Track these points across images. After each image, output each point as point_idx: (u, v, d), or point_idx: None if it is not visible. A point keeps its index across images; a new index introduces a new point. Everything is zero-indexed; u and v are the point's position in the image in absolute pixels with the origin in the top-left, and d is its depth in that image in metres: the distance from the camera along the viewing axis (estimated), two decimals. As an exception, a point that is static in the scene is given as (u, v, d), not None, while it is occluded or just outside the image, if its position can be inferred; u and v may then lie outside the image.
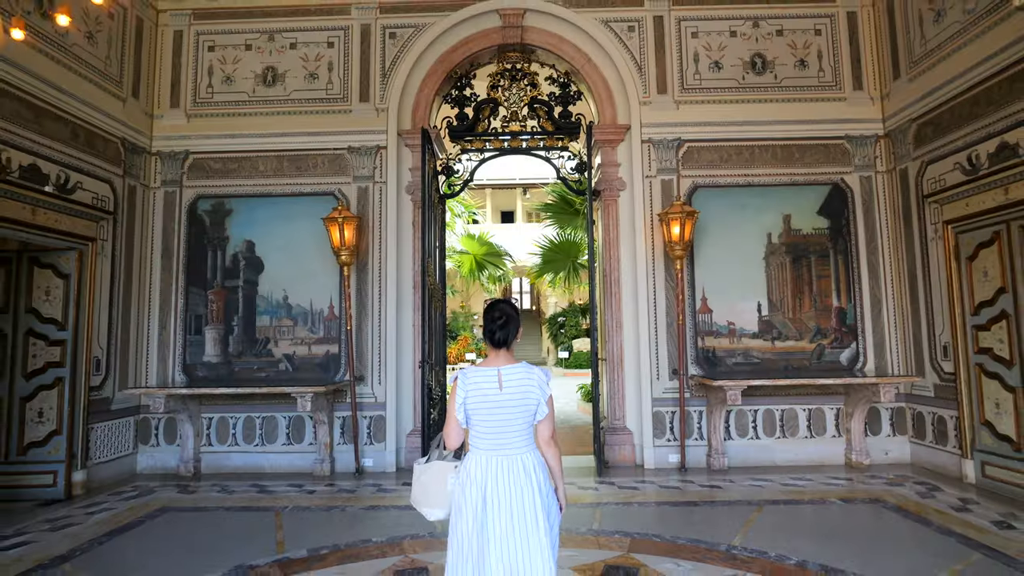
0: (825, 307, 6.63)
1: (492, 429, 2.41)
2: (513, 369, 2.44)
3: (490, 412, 2.40)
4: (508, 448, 2.40)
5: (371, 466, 6.44)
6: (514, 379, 2.42)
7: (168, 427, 6.57)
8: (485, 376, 2.43)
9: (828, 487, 5.54)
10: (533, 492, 2.36)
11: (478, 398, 2.41)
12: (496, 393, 2.40)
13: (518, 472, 2.37)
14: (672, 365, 6.52)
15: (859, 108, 6.83)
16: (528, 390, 2.41)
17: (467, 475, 2.41)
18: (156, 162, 6.90)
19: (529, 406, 2.42)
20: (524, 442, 2.43)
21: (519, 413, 2.40)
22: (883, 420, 6.49)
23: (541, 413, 2.45)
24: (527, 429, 2.44)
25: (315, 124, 6.91)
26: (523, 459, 2.40)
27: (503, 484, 2.35)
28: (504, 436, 2.40)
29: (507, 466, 2.37)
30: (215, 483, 6.01)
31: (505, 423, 2.40)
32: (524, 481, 2.36)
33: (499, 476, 2.36)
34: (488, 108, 7.18)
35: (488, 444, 2.41)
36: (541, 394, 2.43)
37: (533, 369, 2.46)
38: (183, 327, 6.70)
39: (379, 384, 6.57)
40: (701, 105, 6.86)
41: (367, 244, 6.73)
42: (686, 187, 6.73)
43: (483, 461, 2.40)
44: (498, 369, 2.44)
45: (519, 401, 2.40)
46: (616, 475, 6.11)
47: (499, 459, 2.39)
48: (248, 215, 6.82)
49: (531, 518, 2.33)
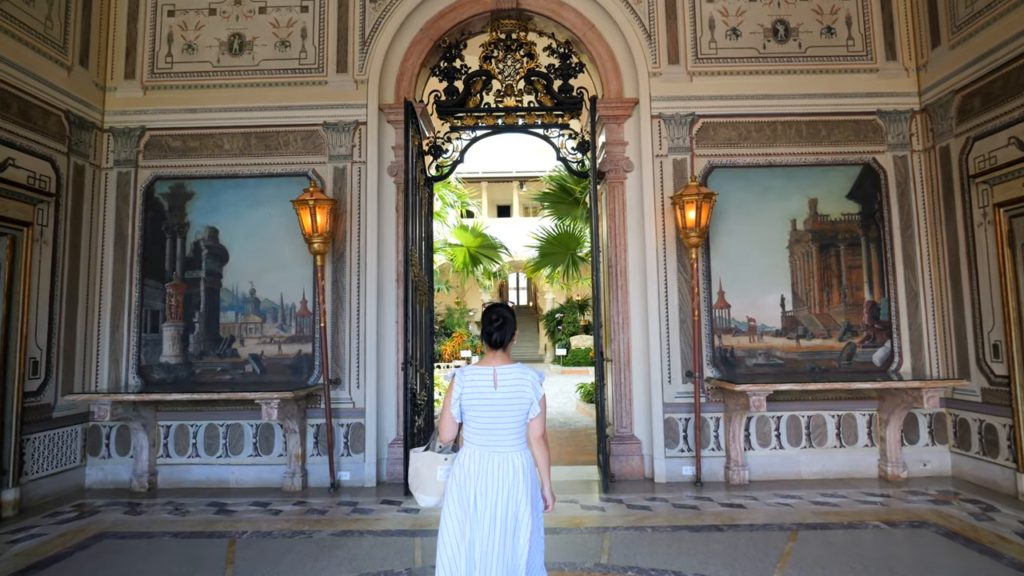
0: (856, 301, 5.94)
1: (485, 425, 2.49)
2: (508, 369, 2.53)
3: (484, 409, 2.48)
4: (500, 446, 2.47)
5: (348, 480, 5.74)
6: (509, 379, 2.51)
7: (121, 436, 5.85)
8: (481, 375, 2.52)
9: (865, 506, 4.86)
10: (519, 491, 2.43)
11: (473, 395, 2.49)
12: (491, 391, 2.48)
13: (507, 470, 2.44)
14: (686, 366, 5.83)
15: (892, 80, 6.13)
16: (522, 390, 2.50)
17: (461, 468, 2.48)
18: (108, 139, 6.15)
19: (522, 405, 2.50)
20: (516, 441, 2.50)
21: (512, 411, 2.48)
22: (920, 428, 5.81)
23: (533, 412, 2.53)
24: (519, 428, 2.51)
25: (287, 97, 6.18)
26: (513, 458, 2.47)
27: (493, 481, 2.42)
28: (497, 433, 2.48)
29: (498, 463, 2.45)
30: (170, 501, 5.30)
31: (498, 420, 2.48)
32: (513, 480, 2.43)
33: (490, 472, 2.43)
34: (480, 81, 6.45)
35: (482, 440, 2.49)
36: (534, 394, 2.52)
37: (527, 370, 2.55)
38: (138, 324, 5.97)
39: (357, 388, 5.86)
40: (717, 77, 6.15)
41: (344, 231, 6.01)
42: (701, 167, 6.03)
43: (476, 456, 2.47)
44: (494, 369, 2.52)
45: (512, 400, 2.48)
46: (624, 490, 5.42)
47: (491, 455, 2.46)
48: (211, 199, 6.09)
49: (520, 515, 2.41)
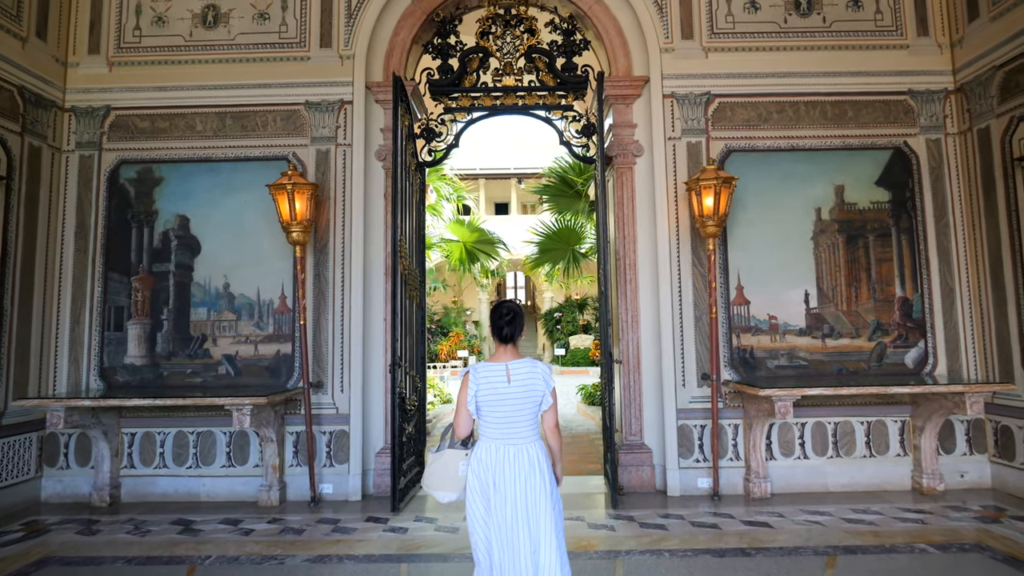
0: (886, 298, 5.44)
1: (501, 420, 2.57)
2: (519, 364, 2.62)
3: (499, 404, 2.56)
4: (515, 438, 2.56)
5: (330, 493, 5.22)
6: (521, 373, 2.59)
7: (80, 445, 5.32)
8: (494, 371, 2.60)
9: (906, 524, 4.36)
10: (536, 479, 2.51)
11: (488, 391, 2.57)
12: (504, 386, 2.56)
13: (523, 461, 2.53)
14: (701, 368, 5.33)
15: (924, 57, 5.64)
16: (534, 383, 2.59)
17: (478, 461, 2.57)
18: (70, 119, 5.62)
19: (535, 398, 2.59)
20: (530, 432, 2.59)
21: (525, 404, 2.57)
22: (958, 435, 5.32)
23: (546, 404, 2.62)
24: (533, 420, 2.61)
25: (265, 74, 5.65)
26: (528, 449, 2.56)
27: (509, 471, 2.51)
28: (512, 427, 2.57)
29: (513, 454, 2.54)
30: (131, 517, 4.77)
31: (513, 414, 2.57)
32: (528, 469, 2.52)
33: (506, 463, 2.52)
34: (477, 59, 5.94)
35: (497, 433, 2.57)
36: (545, 387, 2.61)
37: (537, 364, 2.63)
38: (101, 322, 5.44)
39: (341, 392, 5.34)
40: (735, 53, 5.65)
41: (327, 220, 5.49)
42: (717, 151, 5.53)
43: (492, 448, 2.56)
44: (506, 364, 2.61)
45: (525, 393, 2.57)
46: (634, 505, 4.92)
47: (507, 447, 2.55)
48: (182, 185, 5.57)
49: (536, 502, 2.49)
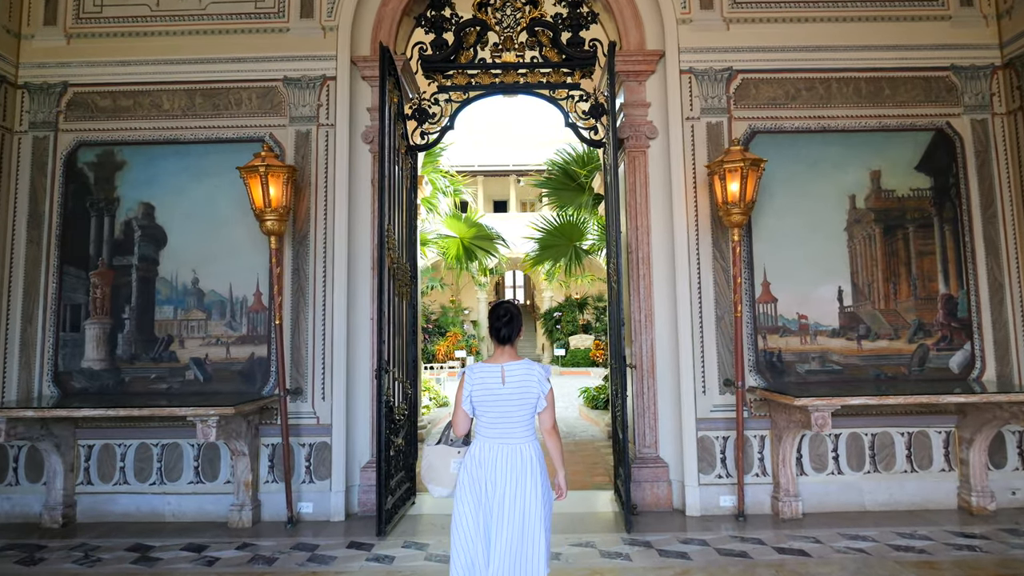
0: (928, 295, 4.91)
1: (495, 420, 2.59)
2: (515, 365, 2.63)
3: (494, 404, 2.58)
4: (510, 438, 2.58)
5: (310, 512, 4.68)
6: (516, 375, 2.60)
7: (32, 459, 4.77)
8: (490, 372, 2.61)
9: (961, 552, 3.83)
10: (527, 478, 2.52)
11: (483, 391, 2.59)
12: (499, 387, 2.58)
13: (516, 460, 2.54)
14: (723, 373, 4.80)
15: (968, 30, 5.11)
16: (528, 385, 2.60)
17: (472, 459, 2.59)
18: (23, 97, 5.08)
19: (530, 400, 2.60)
20: (525, 433, 2.60)
21: (520, 406, 2.58)
22: (1008, 448, 4.79)
23: (541, 406, 2.64)
24: (528, 421, 2.61)
25: (240, 47, 5.10)
26: (522, 449, 2.57)
27: (502, 468, 2.53)
28: (506, 427, 2.58)
29: (507, 453, 2.55)
30: (85, 541, 4.23)
31: (507, 414, 2.58)
32: (521, 468, 2.53)
33: (499, 461, 2.54)
34: (474, 33, 5.39)
35: (492, 433, 2.59)
36: (541, 389, 2.61)
37: (534, 365, 2.64)
38: (55, 321, 4.89)
39: (323, 400, 4.80)
40: (759, 24, 5.12)
41: (307, 208, 4.95)
42: (740, 132, 4.98)
43: (487, 447, 2.58)
44: (502, 366, 2.62)
45: (520, 395, 2.58)
46: (650, 527, 4.38)
47: (501, 446, 2.57)
48: (146, 169, 5.02)
49: (529, 501, 2.50)
